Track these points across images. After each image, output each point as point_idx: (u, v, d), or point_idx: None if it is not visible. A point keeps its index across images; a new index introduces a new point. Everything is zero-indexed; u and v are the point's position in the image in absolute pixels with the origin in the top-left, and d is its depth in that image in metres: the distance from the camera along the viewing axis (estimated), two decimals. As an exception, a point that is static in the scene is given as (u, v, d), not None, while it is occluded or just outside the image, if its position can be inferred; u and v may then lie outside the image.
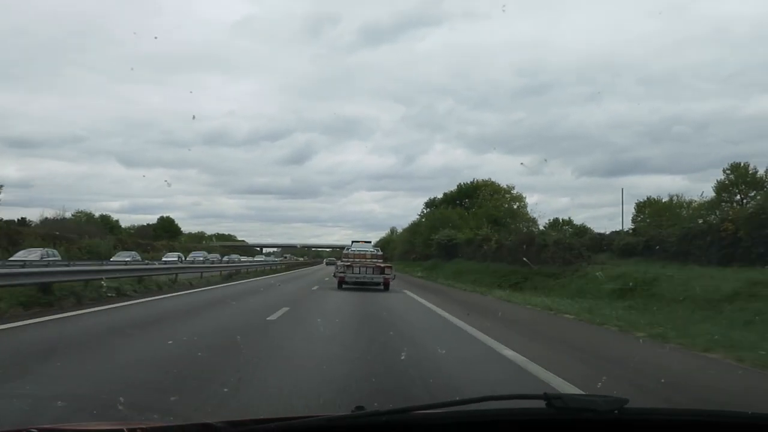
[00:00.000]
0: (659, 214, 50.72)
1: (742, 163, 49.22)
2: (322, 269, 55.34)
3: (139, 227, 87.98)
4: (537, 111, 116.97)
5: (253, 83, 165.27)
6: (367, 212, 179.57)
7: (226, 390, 4.75)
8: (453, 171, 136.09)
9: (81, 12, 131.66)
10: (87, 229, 59.92)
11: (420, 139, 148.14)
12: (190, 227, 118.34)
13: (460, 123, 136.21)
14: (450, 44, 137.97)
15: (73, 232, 54.55)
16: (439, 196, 71.14)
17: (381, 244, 66.84)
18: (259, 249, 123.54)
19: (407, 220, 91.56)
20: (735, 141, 78.15)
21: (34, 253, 26.64)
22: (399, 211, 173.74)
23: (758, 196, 49.21)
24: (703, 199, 48.59)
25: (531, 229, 35.15)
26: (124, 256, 37.15)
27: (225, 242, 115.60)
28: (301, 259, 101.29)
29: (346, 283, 21.29)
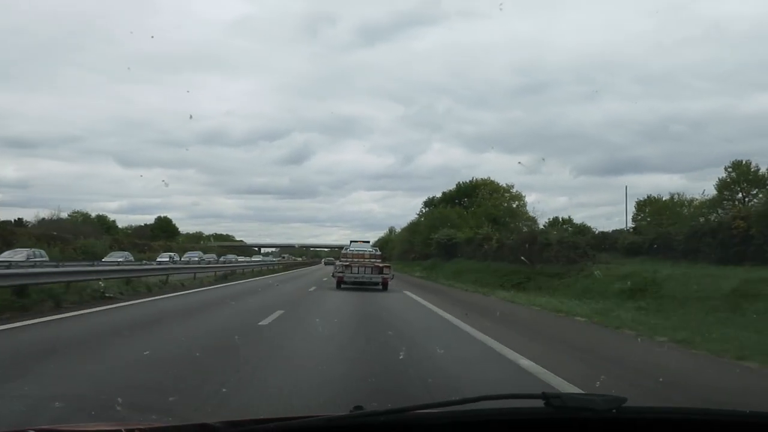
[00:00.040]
0: (660, 212, 50.32)
1: (744, 161, 48.63)
2: (321, 269, 54.73)
3: (137, 227, 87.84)
4: (535, 110, 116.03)
5: (251, 83, 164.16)
6: (365, 212, 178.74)
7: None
8: (451, 170, 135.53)
9: (79, 12, 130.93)
10: (83, 229, 59.67)
11: (418, 139, 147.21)
12: (189, 227, 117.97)
13: (458, 122, 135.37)
14: (448, 43, 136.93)
15: (69, 233, 54.11)
16: (437, 196, 70.66)
17: (379, 243, 66.35)
18: (257, 249, 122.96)
19: (406, 220, 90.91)
20: (732, 139, 77.45)
21: (20, 253, 25.96)
22: (397, 210, 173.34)
23: (760, 194, 48.81)
24: (704, 198, 48.22)
25: (533, 228, 34.41)
26: (117, 256, 36.46)
27: (223, 242, 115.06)
28: (299, 259, 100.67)
29: (345, 282, 21.23)
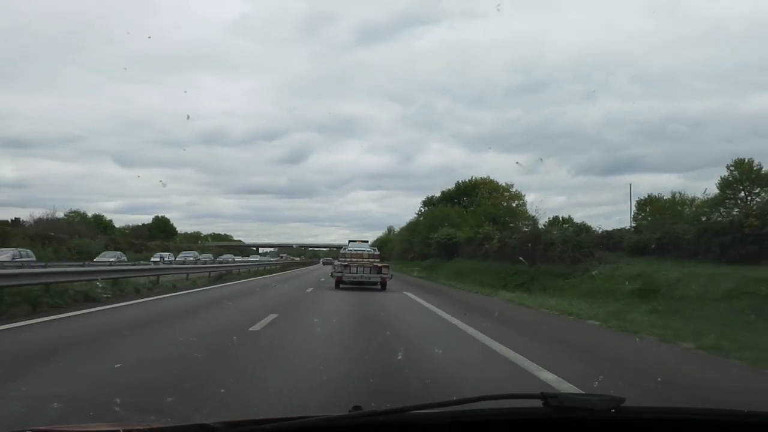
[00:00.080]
0: (661, 212, 49.70)
1: (747, 160, 47.97)
2: (319, 269, 54.04)
3: (134, 227, 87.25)
4: (533, 109, 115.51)
5: (250, 82, 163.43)
6: (364, 212, 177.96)
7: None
8: (450, 170, 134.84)
9: (79, 12, 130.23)
10: (78, 229, 59.07)
11: (417, 138, 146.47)
12: (187, 227, 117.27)
13: (456, 122, 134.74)
14: (447, 43, 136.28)
15: (65, 233, 53.49)
16: (436, 195, 69.92)
17: (378, 243, 65.80)
18: (256, 249, 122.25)
19: (404, 220, 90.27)
20: (731, 139, 77.01)
21: (6, 253, 25.16)
22: (396, 210, 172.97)
23: (763, 193, 48.10)
24: (706, 197, 47.65)
25: (537, 226, 33.69)
26: (109, 256, 35.69)
27: (221, 242, 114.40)
28: (298, 258, 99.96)
29: (344, 282, 21.25)
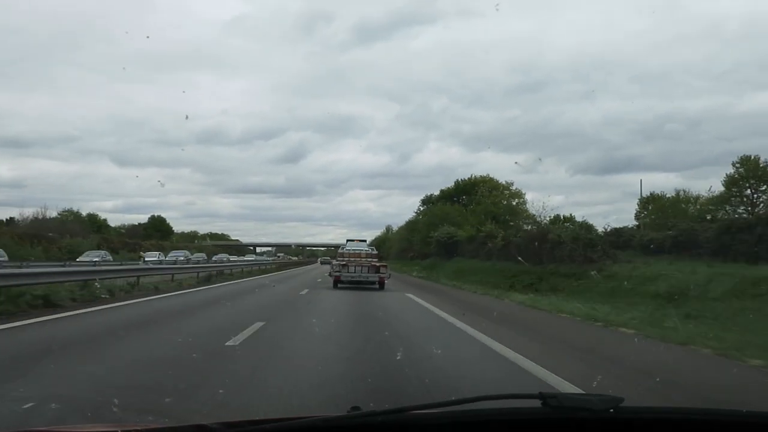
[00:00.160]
0: (663, 210, 48.49)
1: (753, 156, 46.68)
2: (317, 268, 52.66)
3: (130, 227, 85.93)
4: (531, 109, 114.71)
5: (247, 82, 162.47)
6: (361, 211, 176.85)
7: None
8: (447, 169, 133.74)
9: (78, 12, 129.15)
10: (71, 228, 57.72)
11: (414, 138, 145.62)
12: (184, 227, 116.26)
13: (454, 121, 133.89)
14: (444, 42, 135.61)
15: (57, 232, 52.18)
16: (435, 193, 68.53)
17: (376, 242, 64.71)
18: (253, 249, 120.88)
19: (402, 219, 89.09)
20: (728, 138, 76.35)
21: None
22: (394, 209, 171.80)
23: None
24: (711, 194, 46.55)
25: (540, 225, 32.25)
26: (93, 255, 34.24)
27: (218, 242, 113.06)
28: (295, 258, 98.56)
29: (342, 282, 21.16)
